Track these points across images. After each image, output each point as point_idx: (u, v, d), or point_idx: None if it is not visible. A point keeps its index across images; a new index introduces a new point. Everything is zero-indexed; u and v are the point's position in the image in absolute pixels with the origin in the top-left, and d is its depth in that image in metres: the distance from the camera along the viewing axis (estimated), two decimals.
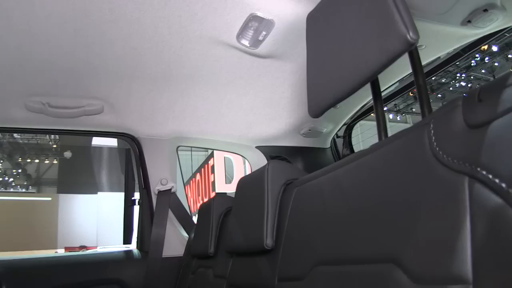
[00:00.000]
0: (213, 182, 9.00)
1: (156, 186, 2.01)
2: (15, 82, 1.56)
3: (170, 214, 2.02)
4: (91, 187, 11.13)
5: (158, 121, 1.92)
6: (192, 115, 1.90)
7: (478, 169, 0.47)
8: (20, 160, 15.25)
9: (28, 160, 15.19)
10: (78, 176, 11.94)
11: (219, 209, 1.51)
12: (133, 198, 2.12)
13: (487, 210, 0.45)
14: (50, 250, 9.61)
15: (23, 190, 15.08)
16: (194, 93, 1.73)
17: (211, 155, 8.98)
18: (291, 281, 0.87)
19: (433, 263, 0.49)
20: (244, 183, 1.25)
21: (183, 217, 2.06)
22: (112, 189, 10.14)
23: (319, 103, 0.94)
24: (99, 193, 10.76)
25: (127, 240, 2.09)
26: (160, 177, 2.02)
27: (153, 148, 2.04)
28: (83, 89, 1.64)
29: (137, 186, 2.14)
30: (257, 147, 2.19)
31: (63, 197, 11.00)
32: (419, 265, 0.51)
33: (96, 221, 10.46)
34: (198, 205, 2.10)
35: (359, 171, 0.73)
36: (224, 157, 8.59)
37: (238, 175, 7.95)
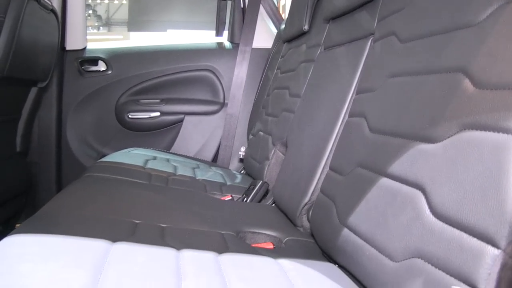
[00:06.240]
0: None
1: None
2: None
3: (261, 9, 2.17)
4: (161, 25, 11.39)
5: None
6: None
7: None
8: (90, 2, 15.56)
9: (98, 1, 15.48)
10: (147, 15, 12.16)
11: None
12: None
13: None
14: None
15: (95, 31, 15.71)
16: None
17: None
18: (390, 36, 0.95)
19: None
20: None
21: (273, 12, 2.20)
22: (179, 26, 10.29)
23: None
24: (168, 30, 11.00)
25: (219, 32, 2.29)
26: None
27: None
28: None
29: None
30: None
31: (134, 35, 11.41)
32: None
33: None
34: None
35: None
36: None
37: None
